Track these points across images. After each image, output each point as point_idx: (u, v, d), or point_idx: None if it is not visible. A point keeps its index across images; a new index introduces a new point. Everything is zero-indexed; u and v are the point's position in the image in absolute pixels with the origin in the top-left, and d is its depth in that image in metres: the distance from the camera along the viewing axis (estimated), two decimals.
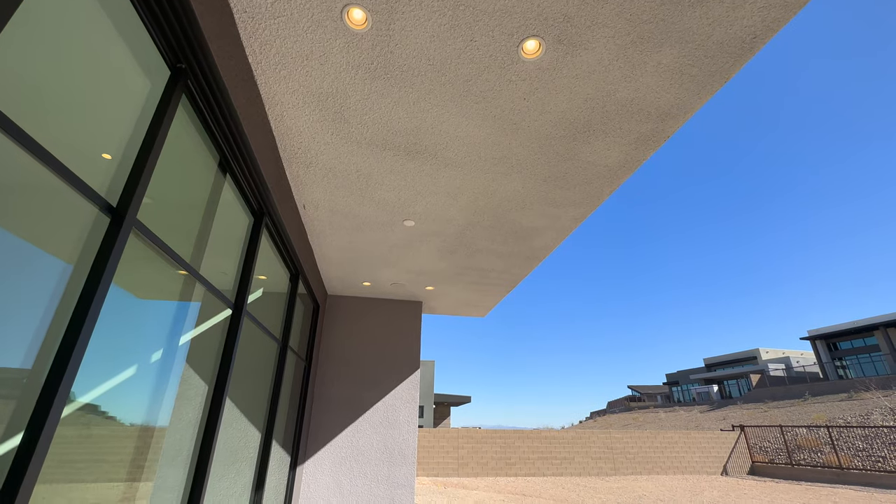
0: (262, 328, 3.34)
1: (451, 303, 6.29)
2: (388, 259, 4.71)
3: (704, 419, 28.68)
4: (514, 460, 14.21)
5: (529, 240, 4.12)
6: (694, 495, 10.46)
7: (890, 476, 12.44)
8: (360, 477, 5.06)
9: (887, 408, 18.50)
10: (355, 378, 5.57)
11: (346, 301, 6.01)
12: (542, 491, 10.89)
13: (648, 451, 15.24)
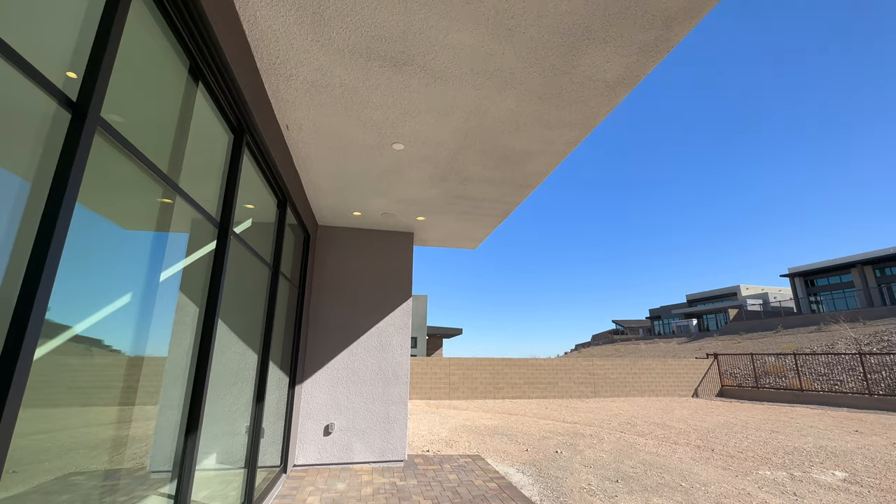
0: (251, 251, 3.33)
1: (442, 234, 6.30)
2: (377, 187, 4.61)
3: (681, 349, 30.53)
4: (502, 385, 15.19)
5: (522, 165, 4.02)
6: (664, 413, 11.41)
7: (843, 396, 13.60)
8: (357, 395, 5.39)
9: (851, 338, 19.73)
10: (349, 306, 5.71)
11: (337, 232, 5.99)
12: (527, 410, 11.78)
13: (627, 376, 16.35)
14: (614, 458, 6.13)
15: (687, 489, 4.71)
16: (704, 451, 6.67)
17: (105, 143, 1.51)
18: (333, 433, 5.20)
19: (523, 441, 7.35)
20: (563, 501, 4.27)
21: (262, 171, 3.43)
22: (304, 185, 4.60)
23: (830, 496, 4.50)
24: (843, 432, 8.51)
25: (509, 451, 6.51)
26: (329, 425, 5.20)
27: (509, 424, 9.20)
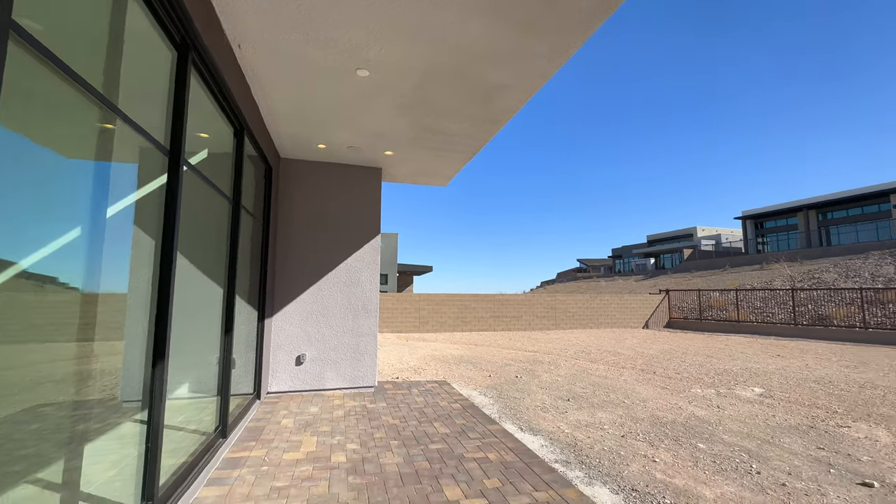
0: (208, 183, 3.19)
1: (411, 170, 6.18)
2: (342, 117, 4.38)
3: (638, 286, 32.61)
4: (470, 319, 15.94)
5: (493, 99, 3.91)
6: (617, 342, 12.46)
7: (773, 326, 15.20)
8: (327, 328, 5.54)
9: (788, 275, 21.60)
10: (317, 242, 5.67)
11: (301, 165, 5.75)
12: (492, 341, 12.54)
13: (585, 310, 17.48)
14: (568, 381, 6.75)
15: (628, 405, 5.31)
16: (647, 374, 7.43)
17: (25, 55, 1.35)
18: (305, 363, 5.41)
19: (487, 368, 7.91)
20: (519, 417, 4.73)
21: (214, 96, 3.17)
22: (263, 113, 4.31)
23: (746, 407, 5.21)
24: (767, 356, 9.63)
25: (473, 377, 7.02)
26: (301, 356, 5.39)
27: (475, 354, 9.82)
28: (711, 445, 3.88)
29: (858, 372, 7.67)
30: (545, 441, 3.96)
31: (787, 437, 4.14)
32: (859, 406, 5.28)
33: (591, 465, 3.41)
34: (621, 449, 3.78)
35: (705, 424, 4.52)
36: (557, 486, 2.86)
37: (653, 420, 4.66)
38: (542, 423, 4.51)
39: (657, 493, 2.93)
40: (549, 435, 4.14)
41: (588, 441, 3.97)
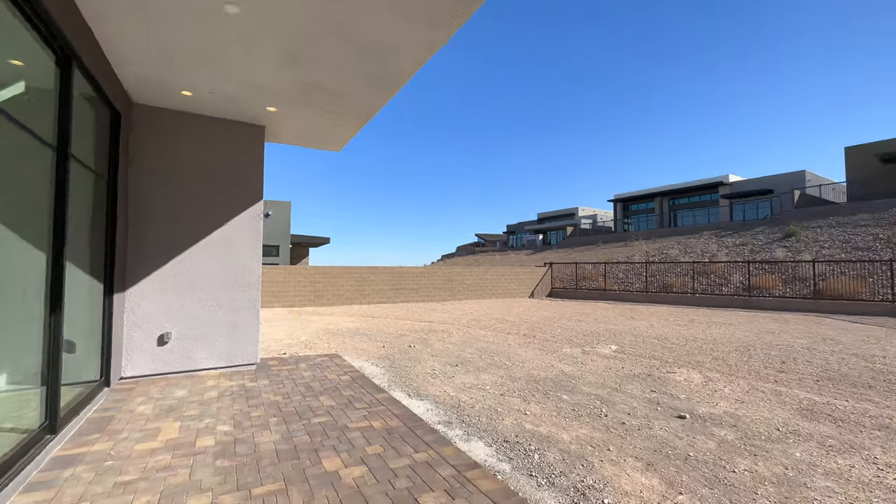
0: (15, 123, 2.50)
1: (299, 131, 5.68)
2: (211, 59, 3.78)
3: (528, 259, 35.54)
4: (368, 292, 15.74)
5: (383, 60, 3.71)
6: (506, 311, 13.48)
7: (630, 294, 17.86)
8: (196, 302, 4.93)
9: (644, 251, 25.44)
10: (183, 206, 4.94)
11: (163, 115, 4.89)
12: (390, 313, 12.59)
13: (480, 282, 18.50)
14: (458, 348, 7.10)
15: (509, 366, 5.79)
16: (528, 338, 8.18)
17: None
18: (171, 342, 4.78)
19: (381, 339, 7.92)
20: (408, 384, 4.84)
21: (18, 7, 2.45)
22: (103, 43, 3.51)
23: (604, 362, 6.06)
24: (624, 319, 11.32)
25: (367, 349, 6.98)
26: (165, 334, 4.74)
27: (371, 326, 9.75)
28: (573, 396, 4.44)
29: (686, 329, 9.45)
30: (431, 405, 4.12)
31: (630, 384, 4.93)
32: (684, 356, 6.51)
33: (470, 423, 3.65)
34: (499, 406, 4.11)
35: (570, 379, 5.14)
36: (437, 446, 3.00)
37: (528, 378, 5.15)
38: (430, 389, 4.68)
39: (525, 441, 3.26)
40: (435, 399, 4.31)
41: (470, 402, 4.23)
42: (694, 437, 3.38)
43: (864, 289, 13.32)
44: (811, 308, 13.19)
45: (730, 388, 4.78)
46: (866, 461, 2.95)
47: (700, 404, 4.20)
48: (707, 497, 2.49)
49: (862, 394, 4.54)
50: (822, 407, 4.11)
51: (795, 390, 4.68)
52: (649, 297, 17.03)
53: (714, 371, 5.55)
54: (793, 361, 6.09)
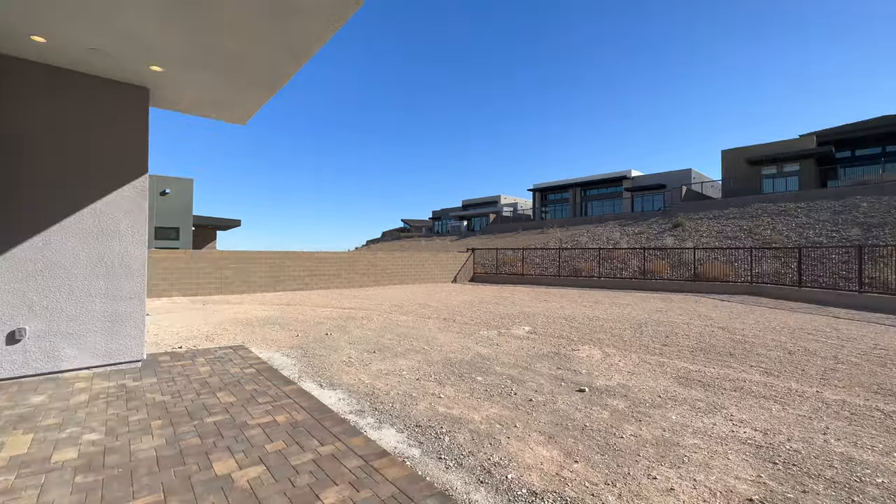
0: None
1: (195, 98, 5.01)
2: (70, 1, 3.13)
3: (452, 245, 36.17)
4: (284, 278, 14.82)
5: (287, 19, 3.37)
6: (428, 296, 13.58)
7: (545, 277, 19.05)
8: (62, 291, 4.18)
9: (559, 238, 27.25)
10: (40, 178, 4.11)
11: (11, 64, 3.98)
12: (308, 301, 11.99)
13: (404, 267, 18.40)
14: (377, 335, 6.97)
15: (427, 351, 5.81)
16: (448, 322, 8.31)
17: None
18: (25, 339, 4.01)
19: (296, 328, 7.50)
20: (321, 374, 4.62)
21: None
22: None
23: (517, 343, 6.36)
24: (538, 302, 12.03)
25: (279, 339, 6.55)
26: (17, 331, 3.96)
27: (285, 314, 9.19)
28: (487, 377, 4.58)
29: (591, 310, 10.32)
30: (344, 394, 3.97)
31: (539, 363, 5.23)
32: (587, 334, 7.08)
33: (383, 410, 3.58)
34: (414, 391, 4.09)
35: (485, 360, 5.31)
36: (345, 437, 2.89)
37: (445, 362, 5.22)
38: (344, 377, 4.52)
39: (437, 424, 3.28)
40: (348, 388, 4.17)
41: (385, 388, 4.16)
42: (591, 408, 3.67)
43: (731, 272, 15.64)
44: (691, 289, 15.18)
45: (623, 361, 5.29)
46: (725, 419, 3.44)
47: (598, 378, 4.58)
48: (598, 462, 2.70)
49: (725, 361, 5.31)
50: (695, 374, 4.73)
51: (675, 361, 5.33)
52: (561, 280, 18.32)
53: (611, 347, 6.11)
54: (675, 336, 6.94)
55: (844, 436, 3.12)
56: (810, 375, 4.70)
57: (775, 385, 4.34)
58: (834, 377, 4.62)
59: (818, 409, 3.68)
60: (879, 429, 3.25)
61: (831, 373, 4.79)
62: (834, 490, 2.39)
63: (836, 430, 3.21)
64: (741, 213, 22.99)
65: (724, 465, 2.67)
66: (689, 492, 2.37)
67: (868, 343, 6.39)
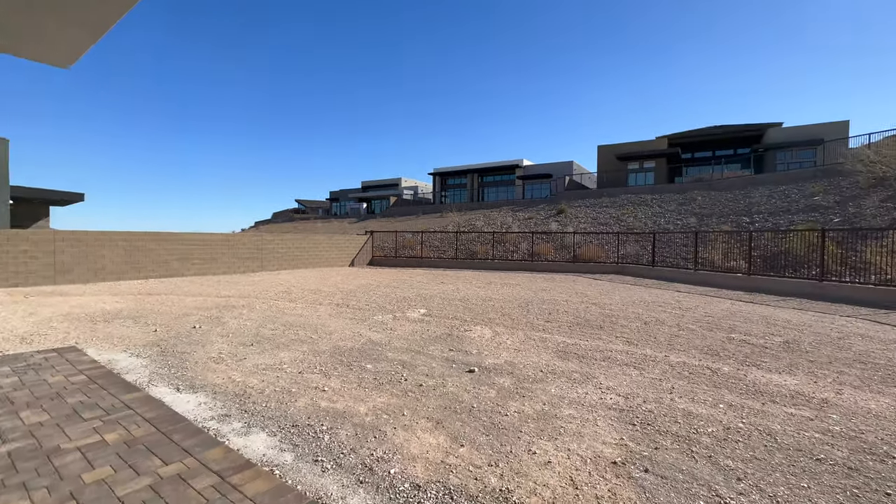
0: None
1: None
2: None
3: (351, 228, 34.86)
4: (146, 264, 12.65)
5: None
6: (322, 280, 12.81)
7: (443, 260, 19.41)
8: None
9: (457, 222, 27.99)
10: None
11: None
12: (176, 289, 10.38)
13: (295, 251, 17.10)
14: (258, 325, 6.26)
15: (315, 340, 5.38)
16: (341, 308, 7.88)
17: None
18: None
19: (154, 322, 6.37)
20: (180, 375, 3.93)
21: None
22: None
23: (411, 326, 6.26)
24: (435, 284, 12.14)
25: (128, 336, 5.47)
26: None
27: (142, 307, 7.79)
28: (377, 364, 4.37)
29: (485, 290, 10.74)
30: (207, 397, 3.41)
31: (433, 345, 5.19)
32: (480, 314, 7.30)
33: (254, 412, 3.14)
34: (294, 386, 3.70)
35: (377, 347, 5.09)
36: (199, 450, 2.43)
37: (334, 351, 4.87)
38: (211, 377, 3.91)
39: (317, 422, 2.97)
40: (214, 389, 3.60)
41: (260, 386, 3.69)
42: (479, 388, 3.71)
43: (603, 254, 17.72)
44: (572, 269, 16.84)
45: (511, 339, 5.53)
46: (595, 387, 3.76)
47: (487, 357, 4.70)
48: (483, 444, 2.70)
49: (596, 334, 5.89)
50: (572, 348, 5.14)
51: (556, 336, 5.74)
52: (458, 263, 18.85)
53: (501, 326, 6.37)
54: (556, 313, 7.53)
55: (685, 393, 3.63)
56: (660, 342, 5.44)
57: (634, 353, 4.92)
58: (677, 343, 5.42)
59: (666, 371, 4.25)
60: (709, 384, 3.86)
61: (675, 339, 5.61)
62: (678, 444, 2.72)
63: (679, 389, 3.72)
64: (612, 203, 26.17)
65: (593, 433, 2.87)
66: (563, 462, 2.48)
67: (700, 312, 7.69)
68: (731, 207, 20.63)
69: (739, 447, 2.68)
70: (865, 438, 2.82)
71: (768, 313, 7.62)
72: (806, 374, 4.17)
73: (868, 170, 16.72)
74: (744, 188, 22.80)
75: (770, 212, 18.42)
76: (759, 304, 8.65)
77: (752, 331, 6.13)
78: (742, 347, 5.19)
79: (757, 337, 5.75)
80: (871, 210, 14.50)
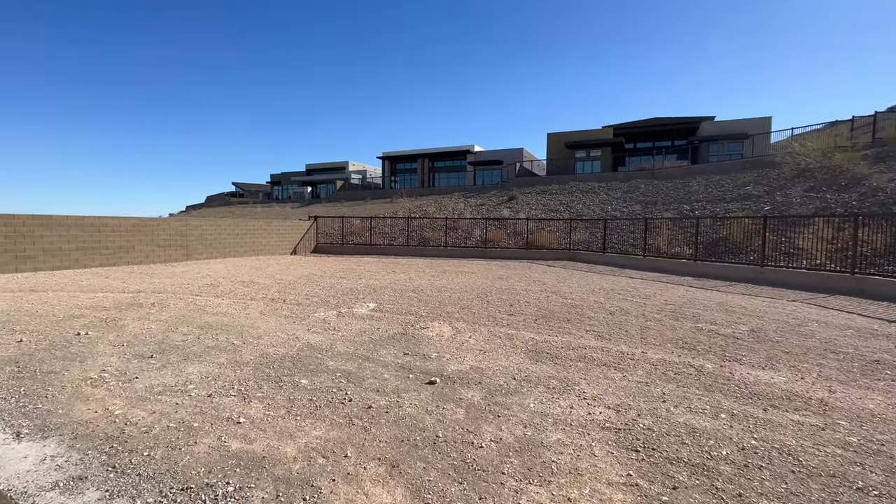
0: None
1: None
2: None
3: (294, 213, 32.58)
4: (34, 253, 10.56)
5: None
6: (257, 271, 11.44)
7: (394, 247, 18.45)
8: None
9: (407, 207, 26.98)
10: None
11: None
12: (69, 284, 8.64)
13: (228, 237, 15.34)
14: (167, 328, 5.10)
15: (238, 346, 4.38)
16: (277, 303, 6.81)
17: None
18: None
19: (24, 328, 4.99)
20: (33, 409, 2.84)
21: None
22: None
23: (359, 325, 5.42)
24: (385, 273, 11.25)
25: None
26: None
27: (15, 307, 6.23)
28: (314, 379, 3.52)
29: (439, 279, 10.04)
30: (60, 447, 2.39)
31: (384, 348, 4.39)
32: (436, 307, 6.59)
33: (127, 468, 2.20)
34: (197, 419, 2.76)
35: (316, 353, 4.21)
36: None
37: (260, 361, 3.93)
38: (77, 411, 2.86)
39: (220, 479, 2.10)
40: (76, 432, 2.58)
41: (148, 421, 2.72)
42: (443, 407, 3.00)
43: (554, 240, 17.68)
44: (525, 256, 16.62)
45: (474, 337, 4.88)
46: (579, 398, 3.18)
47: (450, 361, 4.00)
48: (456, 497, 1.99)
49: (564, 328, 5.40)
50: (542, 346, 4.58)
51: (522, 332, 5.17)
52: (410, 250, 18.01)
53: (461, 321, 5.70)
54: (518, 304, 7.00)
55: (679, 401, 3.16)
56: (632, 336, 5.05)
57: (610, 350, 4.45)
58: (650, 336, 5.05)
59: (650, 372, 3.79)
60: (700, 388, 3.43)
61: (646, 331, 5.25)
62: (697, 477, 2.18)
63: (671, 396, 3.24)
64: (561, 190, 26.45)
65: (593, 468, 2.26)
66: None
67: (660, 300, 7.53)
68: (672, 196, 21.48)
69: (767, 477, 2.19)
70: (889, 452, 2.46)
71: (722, 299, 7.63)
72: (789, 370, 3.90)
73: (794, 161, 17.94)
74: (683, 178, 23.88)
75: (707, 200, 19.35)
76: (710, 290, 8.71)
77: (716, 319, 5.96)
78: (714, 339, 4.92)
79: (723, 326, 5.55)
80: (797, 199, 15.55)
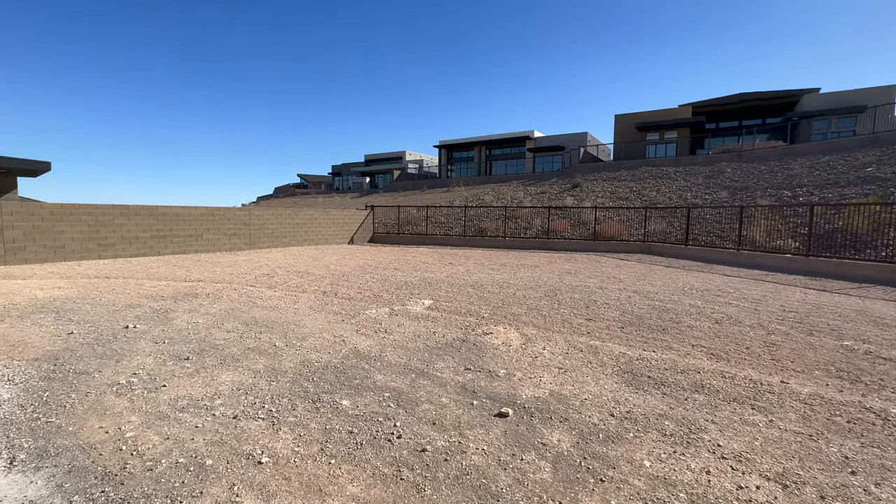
0: None
1: None
2: None
3: (353, 203, 33.18)
4: (114, 241, 11.20)
5: None
6: (314, 260, 11.32)
7: (450, 238, 17.84)
8: None
9: (465, 196, 26.21)
10: None
11: None
12: (139, 271, 8.94)
13: (288, 227, 15.58)
14: (213, 323, 4.80)
15: (279, 349, 3.91)
16: (328, 297, 6.40)
17: None
18: None
19: (82, 318, 4.93)
20: (46, 423, 2.48)
21: None
22: None
23: (413, 325, 4.78)
24: (441, 265, 10.62)
25: (27, 341, 4.04)
26: None
27: (86, 294, 6.36)
28: (358, 399, 2.89)
29: (499, 273, 9.21)
30: (47, 485, 1.94)
31: (441, 359, 3.69)
32: (500, 307, 5.78)
33: None
34: (213, 452, 2.22)
35: (364, 362, 3.61)
36: None
37: (299, 371, 3.39)
38: (88, 429, 2.45)
39: None
40: (74, 460, 2.13)
41: (158, 451, 2.22)
42: (522, 458, 2.22)
43: (625, 231, 16.04)
44: (591, 248, 15.22)
45: (549, 349, 4.02)
46: (716, 458, 2.25)
47: (523, 383, 3.20)
48: None
49: (661, 340, 4.36)
50: (639, 365, 3.62)
51: (609, 343, 4.22)
52: (467, 240, 17.29)
53: (530, 325, 4.86)
54: (595, 305, 5.99)
55: (875, 471, 2.11)
56: (757, 355, 3.91)
57: (734, 376, 3.40)
58: (781, 356, 3.89)
59: (806, 416, 2.73)
60: None
61: (774, 350, 4.07)
62: None
63: (861, 466, 2.20)
64: (631, 176, 24.21)
65: None
66: None
67: (775, 305, 6.12)
68: (767, 180, 18.69)
69: None
70: None
71: (860, 306, 6.05)
72: None
73: None
74: (779, 159, 20.76)
75: (815, 185, 16.50)
76: (837, 294, 7.05)
77: (867, 335, 4.58)
78: (880, 365, 3.65)
79: (883, 346, 4.20)
80: None
